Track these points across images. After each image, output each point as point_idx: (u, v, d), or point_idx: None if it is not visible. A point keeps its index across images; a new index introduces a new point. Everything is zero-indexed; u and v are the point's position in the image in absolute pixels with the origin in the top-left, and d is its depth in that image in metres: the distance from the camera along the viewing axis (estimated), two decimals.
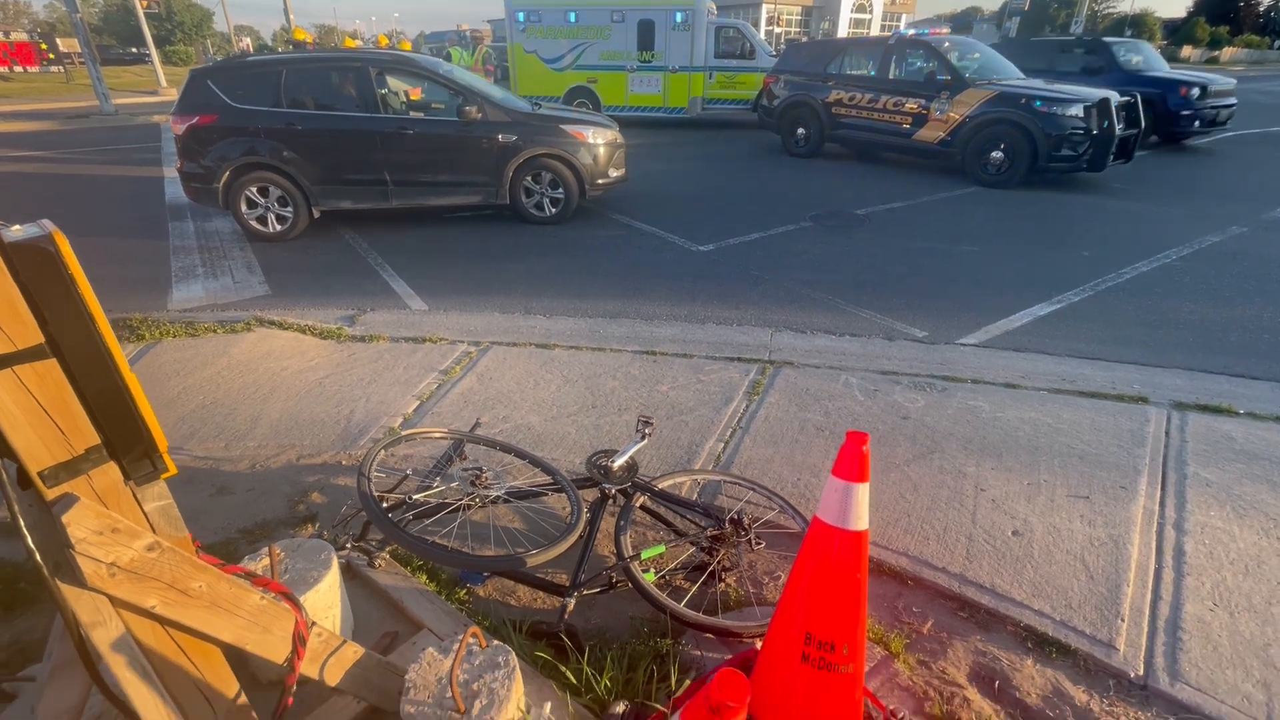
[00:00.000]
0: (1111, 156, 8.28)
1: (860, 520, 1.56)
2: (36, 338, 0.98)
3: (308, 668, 1.47)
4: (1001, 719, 1.87)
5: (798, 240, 6.51)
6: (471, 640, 1.62)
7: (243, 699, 1.42)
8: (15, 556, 2.35)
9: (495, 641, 1.65)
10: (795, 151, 10.84)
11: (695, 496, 2.78)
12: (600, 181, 7.03)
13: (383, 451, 2.30)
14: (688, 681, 1.84)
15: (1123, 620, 2.15)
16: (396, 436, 2.41)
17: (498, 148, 6.64)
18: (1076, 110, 8.03)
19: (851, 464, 1.54)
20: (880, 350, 4.16)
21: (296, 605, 1.41)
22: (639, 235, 6.75)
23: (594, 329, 4.52)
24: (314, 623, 1.48)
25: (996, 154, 8.46)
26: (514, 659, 1.60)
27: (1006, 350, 4.18)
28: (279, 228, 6.55)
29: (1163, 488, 2.79)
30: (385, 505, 2.19)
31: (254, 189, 6.39)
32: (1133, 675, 1.98)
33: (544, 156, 6.77)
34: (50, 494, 1.06)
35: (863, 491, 1.55)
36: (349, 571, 2.21)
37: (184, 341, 4.29)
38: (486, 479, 2.32)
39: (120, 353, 1.07)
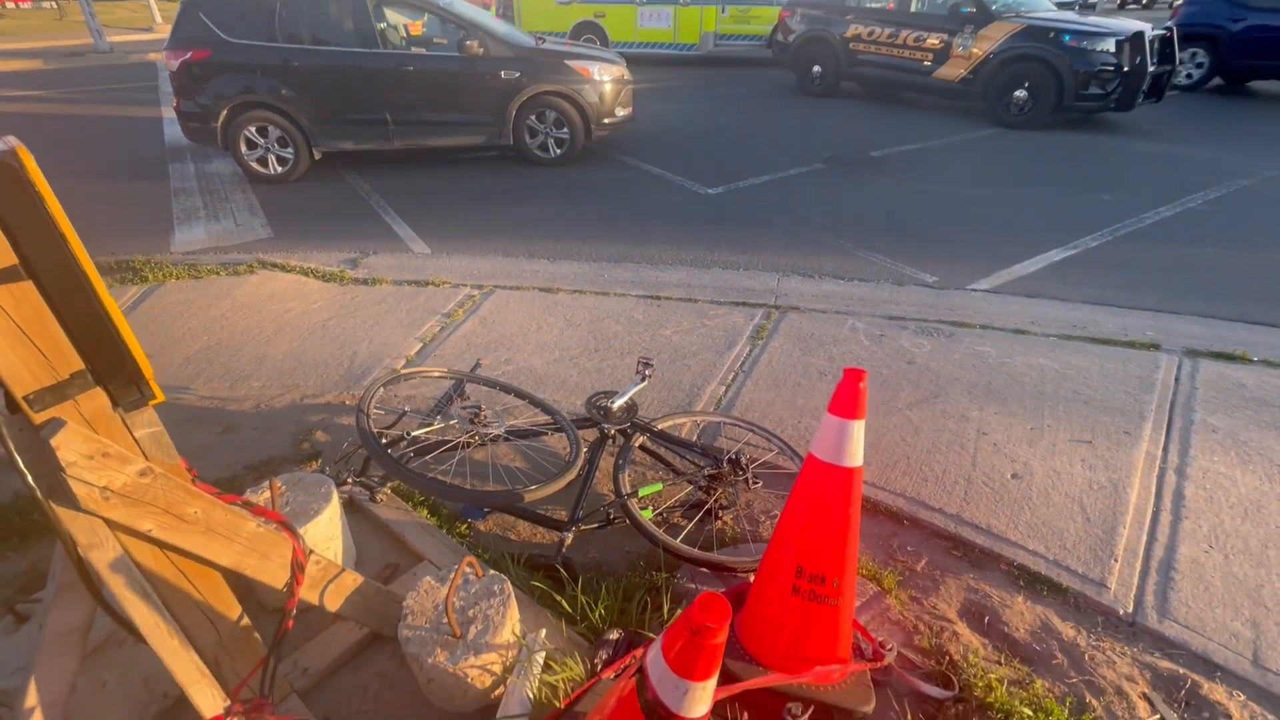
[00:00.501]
0: (1142, 95, 7.90)
1: (854, 457, 1.55)
2: (9, 259, 0.97)
3: (307, 593, 1.51)
4: (988, 652, 1.91)
5: (809, 183, 6.33)
6: (468, 570, 1.66)
7: (245, 621, 1.47)
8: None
9: (491, 571, 1.69)
10: (810, 90, 10.43)
11: (695, 438, 2.80)
12: (606, 121, 6.82)
13: (382, 389, 2.31)
14: (679, 612, 1.88)
15: (1116, 560, 2.16)
16: (396, 375, 2.42)
17: (500, 84, 6.43)
18: (1108, 45, 7.62)
19: (848, 401, 1.53)
20: (889, 295, 4.09)
21: (293, 533, 1.44)
22: (646, 178, 6.59)
23: (598, 273, 4.47)
24: (312, 551, 1.51)
25: (1020, 93, 8.09)
26: (509, 587, 1.63)
27: (1018, 296, 4.09)
28: (280, 169, 6.44)
29: (1167, 433, 2.76)
30: (384, 442, 2.22)
31: (253, 129, 6.25)
32: (1121, 613, 2.00)
33: (548, 94, 6.55)
34: (38, 418, 1.06)
35: (858, 429, 1.54)
36: (352, 506, 2.26)
37: (188, 283, 4.29)
38: (486, 417, 2.33)
39: (98, 276, 1.06)
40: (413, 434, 2.37)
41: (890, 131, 8.17)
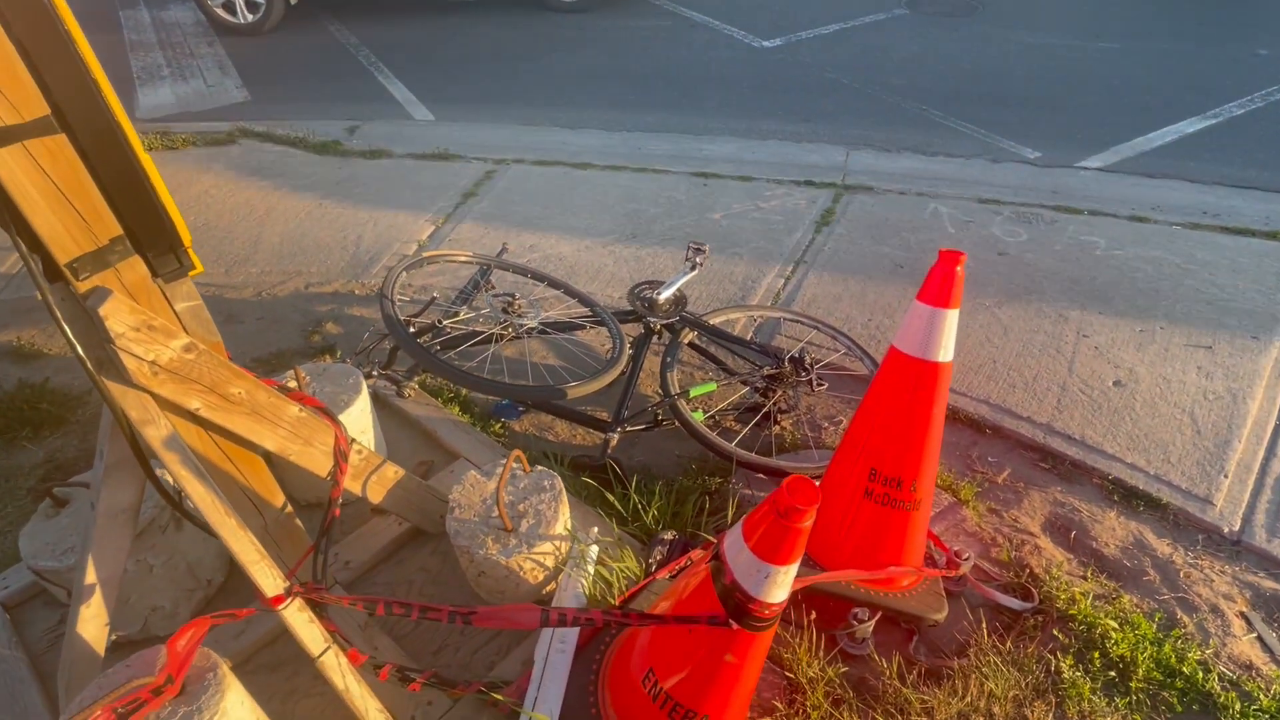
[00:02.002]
0: None
1: (944, 351, 1.61)
2: (42, 108, 1.02)
3: (350, 484, 1.67)
4: (1073, 566, 2.04)
5: (888, 33, 6.02)
6: (515, 465, 1.80)
7: (289, 509, 1.64)
8: (34, 378, 2.61)
9: (539, 467, 1.83)
10: None
11: (750, 335, 2.87)
12: None
13: (404, 273, 2.39)
14: (741, 518, 2.03)
15: (1226, 476, 2.25)
16: (419, 258, 2.49)
17: None
18: None
19: (941, 287, 1.57)
20: (980, 174, 4.00)
21: (335, 420, 1.57)
22: (688, 26, 6.31)
23: (633, 145, 4.41)
24: (354, 439, 1.65)
25: None
26: (559, 482, 1.78)
27: (1137, 176, 3.97)
28: (250, 17, 6.28)
29: None
30: (413, 330, 2.33)
31: None
32: (1226, 530, 2.11)
33: None
34: (81, 287, 1.16)
35: (950, 319, 1.59)
36: (378, 401, 2.40)
37: (161, 155, 4.34)
38: (520, 306, 2.42)
39: (133, 130, 1.12)
40: (441, 324, 2.48)
41: None
